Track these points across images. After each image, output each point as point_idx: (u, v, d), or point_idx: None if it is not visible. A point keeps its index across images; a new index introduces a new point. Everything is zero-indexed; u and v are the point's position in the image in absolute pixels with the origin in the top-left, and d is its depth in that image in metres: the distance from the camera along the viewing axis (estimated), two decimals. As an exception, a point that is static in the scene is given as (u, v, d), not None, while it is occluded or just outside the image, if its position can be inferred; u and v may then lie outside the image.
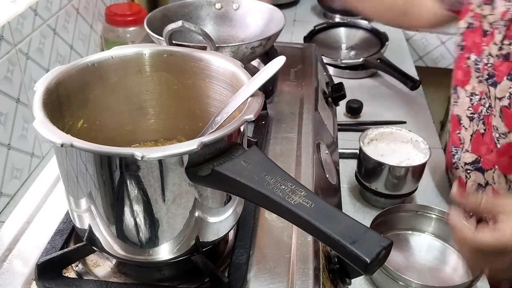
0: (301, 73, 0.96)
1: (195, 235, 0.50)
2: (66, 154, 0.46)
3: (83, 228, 0.52)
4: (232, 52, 0.79)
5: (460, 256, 0.86)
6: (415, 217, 0.90)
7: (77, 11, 1.11)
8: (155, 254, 0.50)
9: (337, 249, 0.39)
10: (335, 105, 1.06)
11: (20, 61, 0.88)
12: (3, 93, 0.83)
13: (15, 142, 0.88)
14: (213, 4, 0.97)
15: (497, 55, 0.82)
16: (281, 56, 0.51)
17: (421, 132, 1.02)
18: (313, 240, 0.58)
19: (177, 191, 0.46)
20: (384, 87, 1.40)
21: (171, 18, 0.91)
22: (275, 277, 0.54)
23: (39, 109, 0.47)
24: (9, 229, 0.61)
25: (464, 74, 0.91)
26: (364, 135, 0.97)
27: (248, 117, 0.46)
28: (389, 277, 0.77)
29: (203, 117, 0.61)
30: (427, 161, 0.92)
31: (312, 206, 0.41)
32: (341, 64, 1.42)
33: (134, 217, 0.47)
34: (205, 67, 0.59)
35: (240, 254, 0.55)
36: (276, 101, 0.87)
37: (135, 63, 0.59)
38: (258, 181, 0.43)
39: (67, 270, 0.56)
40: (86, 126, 0.57)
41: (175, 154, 0.42)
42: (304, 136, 0.77)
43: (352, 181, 1.03)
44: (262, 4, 0.95)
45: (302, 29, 1.59)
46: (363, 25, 1.57)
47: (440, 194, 1.02)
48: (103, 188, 0.46)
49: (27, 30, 0.90)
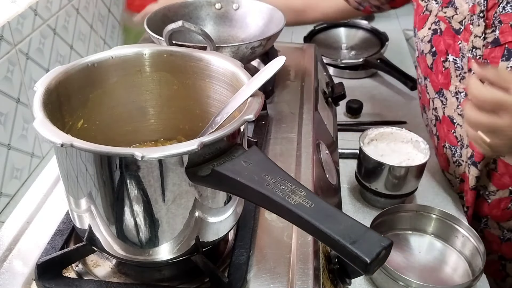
0: (301, 73, 0.96)
1: (195, 235, 0.50)
2: (66, 154, 0.46)
3: (83, 228, 0.52)
4: (232, 52, 0.79)
5: (460, 256, 0.86)
6: (415, 217, 0.90)
7: (77, 11, 1.11)
8: (155, 254, 0.50)
9: (337, 249, 0.39)
10: (335, 105, 1.06)
11: (20, 61, 0.88)
12: (3, 93, 0.83)
13: (15, 142, 0.88)
14: (213, 4, 0.97)
15: (483, 45, 0.83)
16: (281, 56, 0.51)
17: (421, 132, 1.02)
18: (313, 240, 0.58)
19: (177, 191, 0.46)
20: (384, 87, 1.40)
21: (171, 18, 0.91)
22: (275, 277, 0.54)
23: (39, 109, 0.47)
24: (9, 229, 0.61)
25: (444, 76, 0.92)
26: (364, 135, 0.97)
27: (248, 117, 0.46)
28: (389, 277, 0.77)
29: (203, 117, 0.61)
30: (427, 161, 0.92)
31: (312, 206, 0.41)
32: (341, 64, 1.42)
33: (134, 217, 0.47)
34: (205, 67, 0.59)
35: (240, 254, 0.55)
36: (276, 101, 0.87)
37: (135, 63, 0.59)
38: (258, 181, 0.43)
39: (67, 270, 0.56)
40: (86, 126, 0.57)
41: (175, 154, 0.42)
42: (304, 136, 0.77)
43: (352, 181, 1.03)
44: (262, 4, 0.95)
45: (302, 29, 1.58)
46: (363, 25, 1.57)
47: (440, 194, 1.02)
48: (103, 188, 0.46)
49: (27, 30, 0.90)
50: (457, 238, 0.87)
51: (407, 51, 1.60)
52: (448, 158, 1.00)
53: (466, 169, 0.95)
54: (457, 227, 0.87)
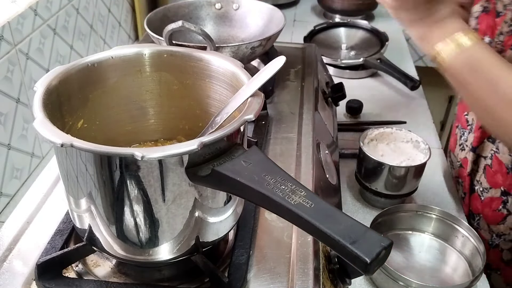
0: (301, 73, 0.96)
1: (195, 235, 0.50)
2: (66, 154, 0.46)
3: (83, 228, 0.52)
4: (232, 52, 0.79)
5: (460, 256, 0.86)
6: (415, 217, 0.90)
7: (77, 11, 1.11)
8: (155, 254, 0.50)
9: (337, 249, 0.39)
10: (335, 105, 1.06)
11: (20, 61, 0.88)
12: (3, 93, 0.83)
13: (15, 142, 0.88)
14: (213, 4, 0.97)
15: (507, 31, 0.83)
16: (281, 56, 0.51)
17: (421, 132, 1.02)
18: (313, 240, 0.58)
19: (177, 191, 0.46)
20: (384, 87, 1.40)
21: (171, 18, 0.91)
22: (275, 277, 0.54)
23: (39, 109, 0.47)
24: (9, 229, 0.61)
25: None
26: (364, 135, 0.97)
27: (248, 117, 0.46)
28: (389, 277, 0.77)
29: (203, 117, 0.61)
30: (427, 161, 0.92)
31: (312, 206, 0.41)
32: (341, 64, 1.42)
33: (134, 217, 0.47)
34: (205, 67, 0.59)
35: (240, 254, 0.55)
36: (276, 101, 0.87)
37: (135, 63, 0.59)
38: (258, 181, 0.43)
39: (67, 270, 0.56)
40: (86, 126, 0.57)
41: (175, 154, 0.42)
42: (304, 136, 0.77)
43: (352, 181, 1.03)
44: (262, 4, 0.95)
45: (302, 29, 1.59)
46: (363, 25, 1.57)
47: (440, 194, 1.02)
48: (103, 188, 0.46)
49: (27, 30, 0.90)
50: (457, 238, 0.87)
51: (407, 51, 1.60)
52: (457, 139, 1.01)
53: (467, 154, 0.95)
54: (457, 227, 0.87)
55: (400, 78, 1.35)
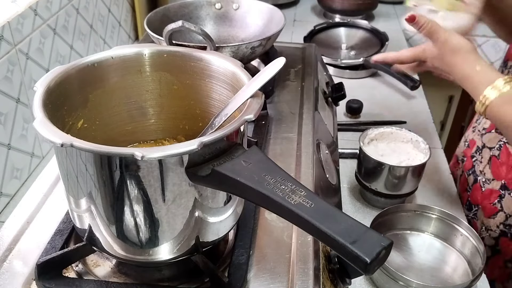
0: (301, 73, 0.96)
1: (195, 235, 0.50)
2: (66, 154, 0.46)
3: (83, 228, 0.52)
4: (232, 52, 0.79)
5: (460, 256, 0.86)
6: (415, 217, 0.90)
7: (77, 11, 1.11)
8: (155, 254, 0.50)
9: (337, 249, 0.39)
10: (335, 105, 1.06)
11: (20, 61, 0.88)
12: (3, 93, 0.83)
13: (15, 142, 0.88)
14: (213, 4, 0.97)
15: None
16: (281, 58, 0.51)
17: (421, 132, 1.02)
18: (313, 240, 0.58)
19: (177, 191, 0.46)
20: (384, 87, 1.40)
21: (171, 18, 0.91)
22: (275, 277, 0.54)
23: (39, 109, 0.47)
24: (9, 229, 0.61)
25: None
26: (364, 135, 0.97)
27: (248, 117, 0.46)
28: (389, 277, 0.77)
29: (203, 117, 0.61)
30: (427, 161, 0.92)
31: (312, 206, 0.41)
32: (341, 64, 1.42)
33: (134, 217, 0.47)
34: (205, 67, 0.59)
35: (240, 254, 0.55)
36: (276, 101, 0.87)
37: (135, 63, 0.59)
38: (258, 181, 0.43)
39: (67, 270, 0.56)
40: (86, 126, 0.57)
41: (175, 154, 0.42)
42: (304, 136, 0.77)
43: (352, 181, 1.03)
44: (262, 4, 0.95)
45: (302, 29, 1.59)
46: (363, 25, 1.57)
47: (440, 194, 1.02)
48: (103, 188, 0.46)
49: (27, 30, 0.90)
50: (457, 237, 0.87)
51: (407, 51, 1.60)
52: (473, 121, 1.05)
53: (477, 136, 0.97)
54: (457, 226, 0.87)
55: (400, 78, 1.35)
